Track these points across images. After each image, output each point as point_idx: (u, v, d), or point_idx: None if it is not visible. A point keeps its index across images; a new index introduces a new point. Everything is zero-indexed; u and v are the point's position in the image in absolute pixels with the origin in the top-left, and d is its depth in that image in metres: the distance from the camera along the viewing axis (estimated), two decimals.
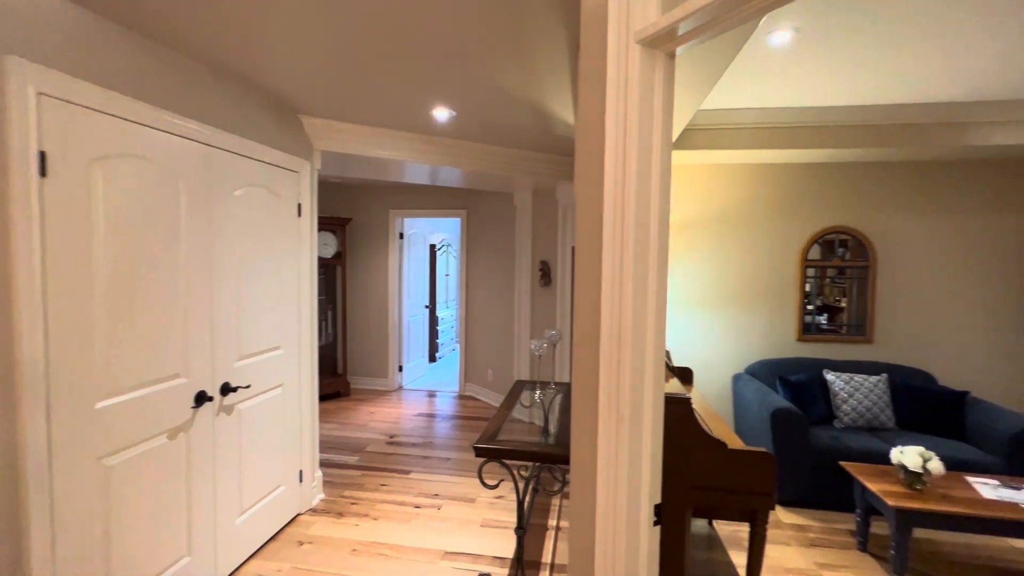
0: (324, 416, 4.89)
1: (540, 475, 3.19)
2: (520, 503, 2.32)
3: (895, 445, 2.94)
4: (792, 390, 3.45)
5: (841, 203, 3.88)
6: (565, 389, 3.11)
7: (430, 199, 5.89)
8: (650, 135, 1.19)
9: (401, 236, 6.05)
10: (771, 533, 2.85)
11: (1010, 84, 2.88)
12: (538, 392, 2.99)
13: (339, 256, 5.59)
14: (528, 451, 2.13)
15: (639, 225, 1.16)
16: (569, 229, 4.52)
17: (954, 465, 2.85)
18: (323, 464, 3.69)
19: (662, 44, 1.17)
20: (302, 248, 2.98)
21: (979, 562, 2.60)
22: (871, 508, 2.62)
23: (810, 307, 4.02)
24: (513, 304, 5.12)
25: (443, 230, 8.10)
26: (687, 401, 1.88)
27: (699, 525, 2.94)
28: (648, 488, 1.19)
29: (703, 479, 1.94)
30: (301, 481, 3.02)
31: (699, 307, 4.01)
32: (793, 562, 2.57)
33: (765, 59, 2.64)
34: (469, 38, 1.98)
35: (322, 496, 3.23)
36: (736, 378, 3.88)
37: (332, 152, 3.14)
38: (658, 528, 1.24)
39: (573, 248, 4.51)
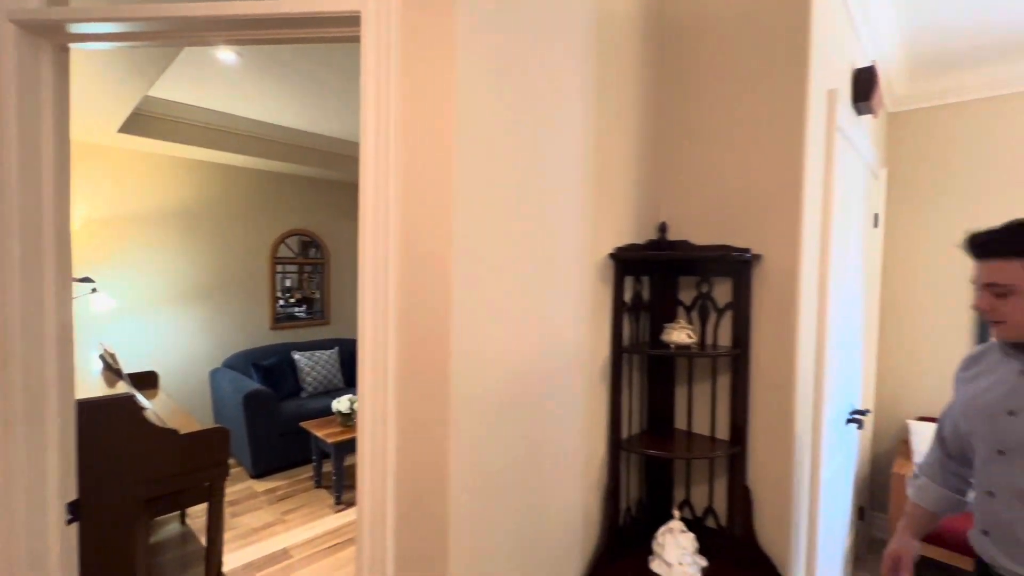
0: None
1: None
2: None
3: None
4: (264, 373, 3.87)
5: (302, 209, 4.62)
6: None
7: None
8: (38, 127, 1.15)
9: None
10: (246, 504, 3.15)
11: None
12: None
13: None
14: None
15: (27, 228, 1.11)
16: None
17: None
18: None
19: (51, 35, 1.16)
20: None
21: None
22: (323, 451, 3.37)
23: (291, 299, 4.59)
24: None
25: None
26: (129, 400, 1.86)
27: (172, 528, 2.87)
28: (58, 487, 1.17)
29: (160, 469, 1.97)
30: None
31: (168, 305, 3.79)
32: (262, 520, 2.97)
33: (221, 70, 2.84)
34: None
35: None
36: (214, 372, 3.94)
37: None
38: (75, 526, 1.24)
39: None
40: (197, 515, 2.96)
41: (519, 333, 1.17)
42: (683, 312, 1.61)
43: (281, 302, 4.52)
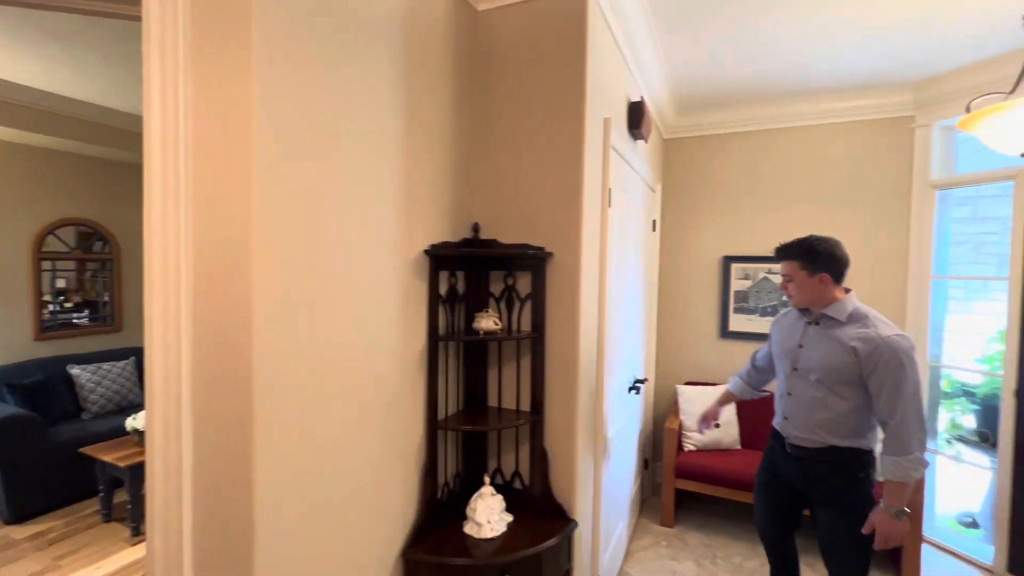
0: None
1: None
2: None
3: None
4: (27, 395, 3.15)
5: (81, 195, 3.85)
6: None
7: None
8: None
9: None
10: (1, 556, 2.55)
11: None
12: None
13: None
14: None
15: None
16: None
17: None
18: None
19: None
20: None
21: None
22: (114, 479, 2.89)
23: (67, 303, 3.78)
24: None
25: None
26: None
27: None
28: None
29: None
30: None
31: None
32: (27, 570, 2.44)
33: None
34: None
35: None
36: None
37: None
38: None
39: None
40: None
41: (331, 328, 1.22)
42: (494, 302, 1.82)
43: (52, 306, 3.71)
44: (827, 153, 3.03)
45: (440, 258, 1.63)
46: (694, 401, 3.01)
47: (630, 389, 2.52)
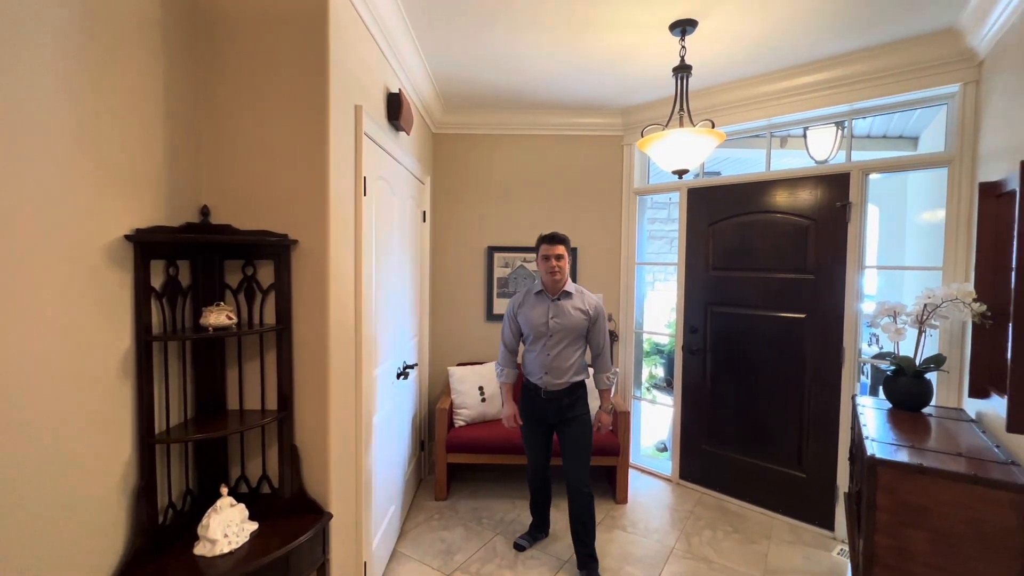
0: None
1: None
2: None
3: None
4: None
5: None
6: None
7: None
8: None
9: None
10: None
11: None
12: None
13: None
14: None
15: None
16: None
17: None
18: None
19: None
20: None
21: None
22: None
23: None
24: None
25: None
26: None
27: None
28: None
29: None
30: None
31: None
32: None
33: None
34: None
35: None
36: None
37: None
38: None
39: None
40: None
41: None
42: (231, 295, 1.64)
43: None
44: (566, 160, 3.59)
45: (149, 245, 1.38)
46: (464, 380, 3.25)
47: (399, 375, 2.58)
